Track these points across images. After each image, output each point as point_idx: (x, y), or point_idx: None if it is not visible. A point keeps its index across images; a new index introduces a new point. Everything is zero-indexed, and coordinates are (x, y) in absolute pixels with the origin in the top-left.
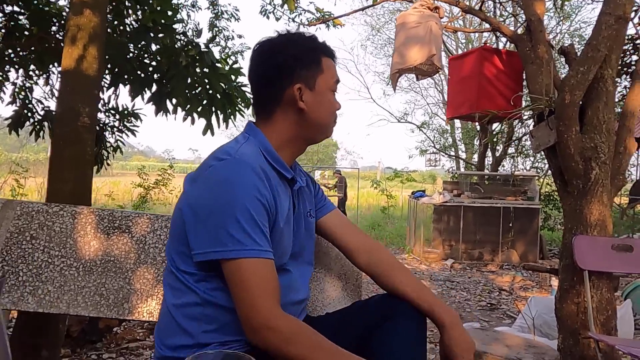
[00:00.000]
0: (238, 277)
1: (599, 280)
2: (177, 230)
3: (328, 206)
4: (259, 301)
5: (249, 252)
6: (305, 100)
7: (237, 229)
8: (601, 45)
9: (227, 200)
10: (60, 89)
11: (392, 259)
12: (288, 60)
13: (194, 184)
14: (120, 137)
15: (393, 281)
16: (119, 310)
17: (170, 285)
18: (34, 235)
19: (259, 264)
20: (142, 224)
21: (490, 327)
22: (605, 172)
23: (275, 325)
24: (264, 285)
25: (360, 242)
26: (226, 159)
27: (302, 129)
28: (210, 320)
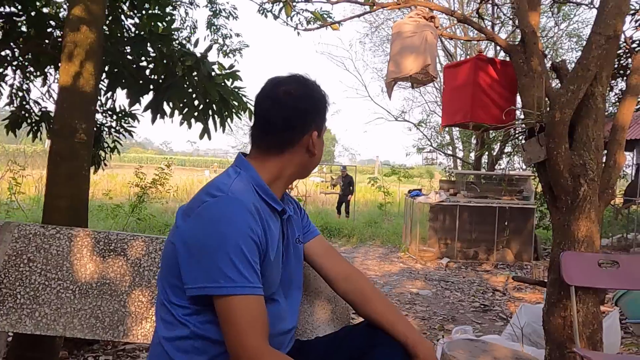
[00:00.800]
0: (228, 313)
1: (585, 295)
2: (169, 263)
3: (312, 232)
4: (246, 339)
5: (240, 290)
6: (315, 145)
7: (229, 267)
8: (591, 64)
9: (220, 238)
10: (57, 105)
11: (369, 288)
12: (312, 107)
13: (187, 219)
14: (117, 137)
15: (369, 311)
16: (114, 332)
17: (162, 317)
18: (31, 258)
19: (248, 300)
20: (137, 246)
21: (483, 329)
22: (593, 189)
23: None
24: (253, 322)
25: (340, 269)
26: (219, 196)
27: (301, 169)
28: (200, 353)
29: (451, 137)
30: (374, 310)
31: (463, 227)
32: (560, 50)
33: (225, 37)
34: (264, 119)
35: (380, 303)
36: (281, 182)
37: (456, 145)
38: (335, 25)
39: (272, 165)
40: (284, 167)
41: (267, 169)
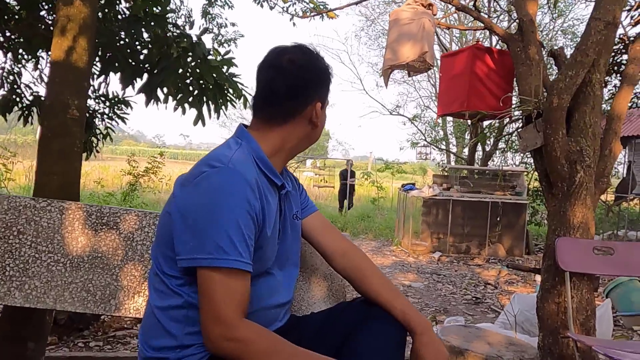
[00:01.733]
0: (207, 285)
1: (580, 281)
2: (164, 233)
3: (310, 207)
4: (222, 312)
5: (229, 262)
6: (318, 117)
7: (223, 239)
8: (590, 50)
9: (217, 210)
10: (49, 80)
11: (367, 264)
12: (316, 77)
13: (184, 189)
14: (110, 124)
15: (366, 286)
16: (105, 306)
17: (155, 287)
18: (21, 230)
19: (231, 274)
20: (130, 220)
21: (475, 321)
22: (589, 176)
23: (233, 336)
24: (231, 296)
25: (338, 246)
26: (219, 167)
27: (302, 142)
28: (193, 323)
29: (445, 132)
30: (371, 286)
31: (455, 222)
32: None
33: (220, 26)
34: (267, 88)
35: (378, 279)
36: (282, 155)
37: (450, 141)
38: (332, 14)
39: (273, 137)
40: (285, 139)
41: (269, 141)
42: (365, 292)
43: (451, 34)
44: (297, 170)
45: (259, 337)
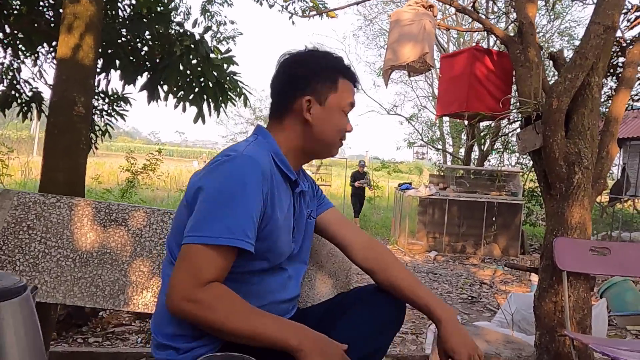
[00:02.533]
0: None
1: (577, 280)
2: (179, 223)
3: (326, 204)
4: (186, 277)
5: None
6: (312, 114)
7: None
8: (589, 53)
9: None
10: (56, 78)
11: (390, 256)
12: (304, 72)
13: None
14: (109, 120)
15: (390, 277)
16: (114, 301)
17: (168, 275)
18: (31, 226)
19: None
20: (138, 217)
21: (470, 319)
22: (587, 177)
23: (195, 298)
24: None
25: (358, 238)
26: (233, 155)
27: (305, 141)
28: None
29: (441, 132)
30: (396, 276)
31: (452, 221)
32: (552, 48)
33: (219, 24)
34: (270, 88)
35: (401, 270)
36: (292, 154)
37: (446, 141)
38: (332, 13)
39: (279, 135)
40: (288, 137)
41: (279, 139)
42: (389, 281)
43: (449, 35)
44: None
45: (221, 297)
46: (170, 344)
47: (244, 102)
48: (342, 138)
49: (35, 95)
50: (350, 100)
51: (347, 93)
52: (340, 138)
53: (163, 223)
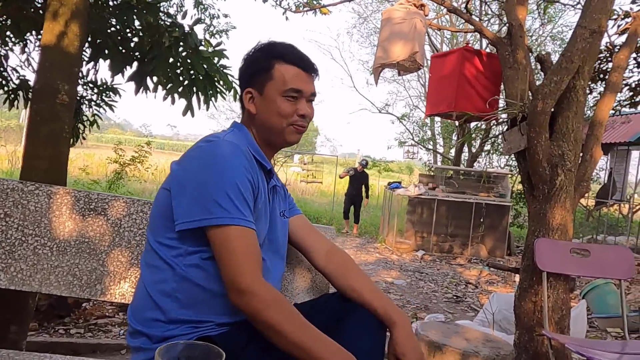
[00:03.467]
0: (226, 243)
1: (556, 281)
2: (161, 208)
3: (295, 210)
4: (245, 266)
5: (236, 220)
6: (256, 104)
7: (225, 200)
8: (575, 57)
9: (217, 174)
10: (39, 65)
11: (350, 262)
12: (243, 68)
13: (180, 164)
14: (97, 111)
15: (349, 282)
16: (91, 291)
17: (148, 263)
18: (8, 213)
19: (244, 232)
20: (118, 207)
21: (454, 318)
22: (569, 179)
23: (257, 290)
24: (250, 252)
25: (322, 245)
26: (215, 141)
27: (258, 131)
28: (183, 298)
29: (432, 132)
30: (355, 281)
31: (440, 221)
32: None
33: (212, 17)
34: None
35: (361, 276)
36: (261, 144)
37: (437, 141)
38: (326, 10)
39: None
40: (250, 130)
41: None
42: (348, 287)
43: (442, 35)
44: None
45: (281, 298)
46: (144, 330)
47: (233, 96)
48: (296, 124)
49: (23, 83)
50: (291, 86)
51: (286, 77)
52: (289, 124)
53: (143, 213)
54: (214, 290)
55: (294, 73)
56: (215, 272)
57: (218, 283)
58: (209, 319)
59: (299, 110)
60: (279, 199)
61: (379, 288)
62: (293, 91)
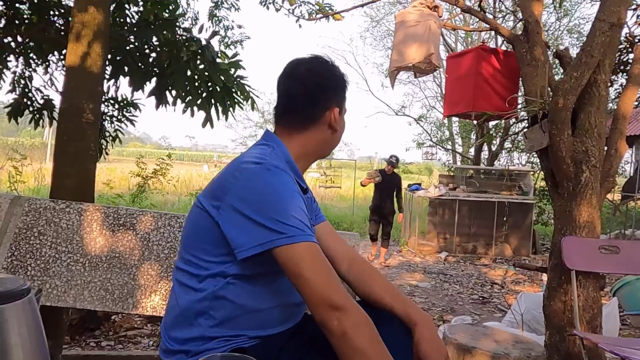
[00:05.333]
0: (307, 259)
1: (586, 279)
2: (198, 230)
3: (321, 216)
4: (334, 281)
5: (309, 237)
6: (338, 122)
7: (293, 219)
8: (595, 51)
9: (277, 195)
10: (65, 85)
11: (371, 269)
12: (333, 84)
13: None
14: (119, 126)
15: (371, 287)
16: (123, 304)
17: (180, 281)
18: (42, 232)
19: (316, 248)
20: (146, 221)
21: (482, 320)
22: (595, 175)
23: (350, 307)
24: (330, 268)
25: (344, 251)
26: (263, 163)
27: (324, 147)
28: (217, 315)
29: (451, 132)
30: (376, 286)
31: (462, 222)
32: (560, 46)
33: (227, 28)
34: (287, 97)
35: (382, 281)
36: (304, 160)
37: (456, 141)
38: (338, 16)
39: (296, 142)
40: (307, 144)
41: (293, 147)
42: (370, 292)
43: (457, 34)
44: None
45: (367, 319)
46: (181, 348)
47: (251, 106)
48: None
49: (47, 103)
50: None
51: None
52: None
53: (170, 227)
54: (249, 307)
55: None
56: (250, 290)
57: (252, 300)
58: (242, 333)
59: None
60: (310, 209)
61: (401, 292)
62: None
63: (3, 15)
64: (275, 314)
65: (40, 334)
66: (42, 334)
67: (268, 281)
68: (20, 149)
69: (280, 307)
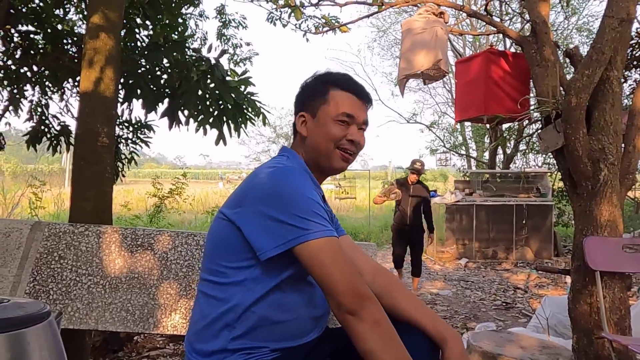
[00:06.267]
0: (331, 252)
1: (611, 280)
2: (221, 239)
3: (341, 231)
4: (357, 274)
5: (331, 232)
6: (308, 128)
7: (314, 215)
8: (605, 48)
9: (297, 194)
10: (80, 111)
11: (397, 282)
12: (300, 93)
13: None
14: (134, 148)
15: (397, 300)
16: (144, 325)
17: (204, 293)
18: (62, 255)
19: (337, 242)
20: (163, 241)
21: (506, 326)
22: (614, 173)
23: (374, 299)
24: (351, 262)
25: (366, 264)
26: (279, 167)
27: (308, 155)
28: (241, 327)
29: (464, 137)
30: (402, 300)
31: (480, 227)
32: (570, 45)
33: (235, 46)
34: None
35: (408, 294)
36: (314, 170)
37: (469, 145)
38: (345, 28)
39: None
40: (303, 154)
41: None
42: (396, 305)
43: (464, 39)
44: None
45: (385, 315)
46: None
47: (262, 121)
48: (343, 148)
49: (64, 129)
50: (344, 110)
51: (342, 103)
52: (337, 147)
53: (187, 245)
54: (272, 318)
55: (348, 98)
56: (274, 300)
57: (276, 311)
58: (264, 345)
59: (348, 135)
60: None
61: (426, 305)
62: (345, 116)
63: (19, 47)
64: (298, 325)
65: (62, 357)
66: (64, 357)
67: (291, 291)
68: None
69: (303, 319)
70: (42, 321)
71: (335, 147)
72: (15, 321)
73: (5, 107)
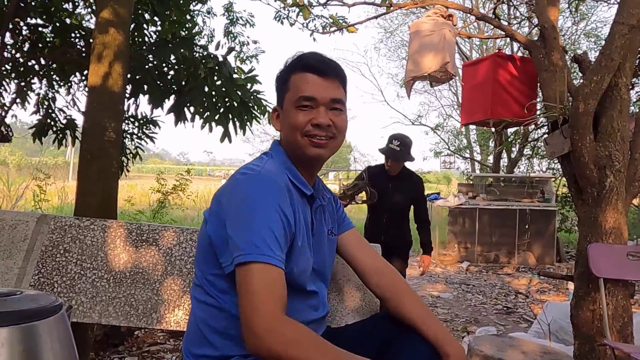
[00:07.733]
0: (246, 280)
1: (615, 287)
2: (204, 243)
3: (347, 224)
4: (263, 306)
5: (262, 257)
6: (280, 121)
7: (255, 236)
8: (615, 54)
9: (250, 211)
10: (87, 105)
11: (402, 284)
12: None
13: (219, 201)
14: (139, 143)
15: (400, 306)
16: (147, 320)
17: (197, 298)
18: (67, 249)
19: (268, 269)
20: (168, 236)
21: (507, 331)
22: (620, 180)
23: (278, 329)
24: (271, 290)
25: (373, 263)
26: (250, 174)
27: (287, 149)
28: (233, 333)
29: (468, 140)
30: (407, 306)
31: (483, 231)
32: (578, 50)
33: (242, 44)
34: None
35: (413, 300)
36: (298, 165)
37: (474, 149)
38: (353, 28)
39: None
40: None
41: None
42: (399, 311)
43: (472, 42)
44: None
45: (303, 334)
46: None
47: (268, 120)
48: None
49: (69, 123)
50: (301, 94)
51: (300, 86)
52: (304, 135)
53: (192, 242)
54: None
55: (306, 80)
56: None
57: None
58: None
59: (313, 119)
60: (327, 217)
61: (431, 312)
62: (304, 99)
63: (27, 40)
64: None
65: (72, 350)
66: (74, 350)
67: None
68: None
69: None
70: (55, 314)
71: (303, 135)
72: (28, 313)
73: (12, 99)
